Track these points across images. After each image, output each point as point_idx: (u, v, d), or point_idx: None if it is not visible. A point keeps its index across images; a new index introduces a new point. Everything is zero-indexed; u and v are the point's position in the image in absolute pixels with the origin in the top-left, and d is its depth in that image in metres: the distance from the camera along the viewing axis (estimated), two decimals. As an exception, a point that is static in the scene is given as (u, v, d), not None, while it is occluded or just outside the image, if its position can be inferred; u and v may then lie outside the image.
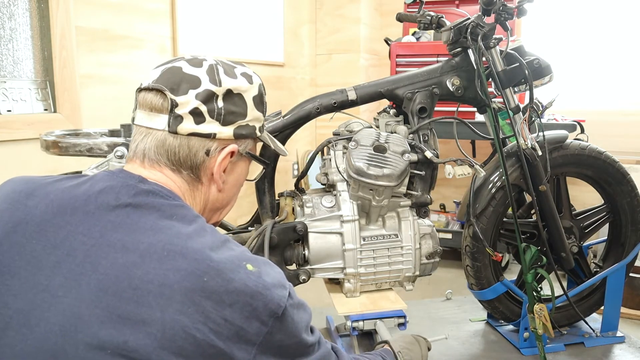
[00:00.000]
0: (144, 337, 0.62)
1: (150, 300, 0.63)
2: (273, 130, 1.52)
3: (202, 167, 0.83)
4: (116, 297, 0.63)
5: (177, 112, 0.79)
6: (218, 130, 0.82)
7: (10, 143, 1.82)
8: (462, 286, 2.00)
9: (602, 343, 1.77)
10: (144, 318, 0.63)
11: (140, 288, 0.64)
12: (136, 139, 0.82)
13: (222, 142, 0.84)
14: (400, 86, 1.58)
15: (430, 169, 1.52)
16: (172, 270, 0.66)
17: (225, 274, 0.68)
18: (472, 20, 1.55)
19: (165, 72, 0.82)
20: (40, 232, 0.69)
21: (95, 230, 0.69)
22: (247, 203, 3.04)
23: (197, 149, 0.81)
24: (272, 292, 0.71)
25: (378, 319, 1.47)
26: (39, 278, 0.66)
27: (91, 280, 0.65)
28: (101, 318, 0.62)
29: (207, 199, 0.87)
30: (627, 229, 1.82)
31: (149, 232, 0.69)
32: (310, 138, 3.63)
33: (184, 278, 0.66)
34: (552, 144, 1.70)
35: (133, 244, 0.68)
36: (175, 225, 0.72)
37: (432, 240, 1.54)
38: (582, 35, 3.26)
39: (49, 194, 0.74)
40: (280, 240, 1.46)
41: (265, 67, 3.13)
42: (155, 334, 0.62)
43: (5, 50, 1.83)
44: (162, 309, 0.63)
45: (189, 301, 0.64)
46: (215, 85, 0.82)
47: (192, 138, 0.81)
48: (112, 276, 0.65)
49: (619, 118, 3.15)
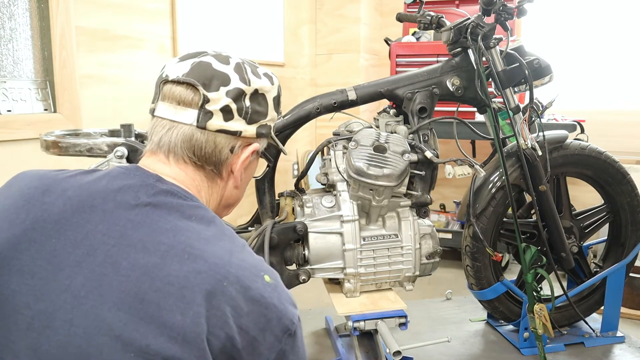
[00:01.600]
0: (165, 341, 0.62)
1: (171, 303, 0.63)
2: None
3: (226, 163, 0.84)
4: (138, 299, 0.63)
5: (207, 107, 0.79)
6: (244, 128, 0.83)
7: (10, 143, 1.82)
8: (462, 286, 2.00)
9: (602, 343, 1.77)
10: (165, 321, 0.63)
11: (162, 290, 0.64)
12: (158, 132, 0.81)
13: (245, 140, 0.85)
14: (400, 86, 1.58)
15: (430, 169, 1.52)
16: (193, 273, 0.66)
17: (243, 282, 0.68)
18: (472, 20, 1.55)
19: (195, 67, 0.81)
20: (59, 230, 0.68)
21: (115, 230, 0.68)
22: (247, 203, 3.03)
23: (222, 146, 0.82)
24: (287, 308, 0.71)
25: (379, 319, 1.46)
26: (60, 278, 0.65)
27: (113, 281, 0.64)
28: (124, 320, 0.62)
29: (223, 194, 0.88)
30: (627, 229, 1.82)
31: (169, 233, 0.69)
32: (310, 138, 3.63)
33: (205, 280, 0.66)
34: (552, 144, 1.70)
35: (153, 244, 0.68)
36: (195, 226, 0.72)
37: (432, 240, 1.54)
38: (582, 35, 3.26)
39: (66, 191, 0.73)
40: (280, 240, 1.46)
41: (265, 67, 3.14)
42: (176, 338, 0.62)
43: (5, 50, 1.83)
44: (183, 312, 0.63)
45: (208, 305, 0.65)
46: (245, 84, 0.83)
47: (219, 135, 0.81)
48: (134, 278, 0.65)
49: (619, 118, 3.14)
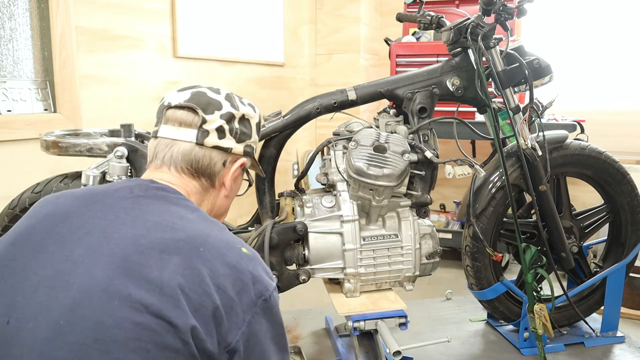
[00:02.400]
0: (145, 292, 0.73)
1: (151, 263, 0.75)
2: (273, 130, 1.52)
3: (219, 175, 0.99)
4: (123, 260, 0.75)
5: (205, 127, 0.96)
6: (234, 145, 1.00)
7: (10, 143, 1.82)
8: (462, 286, 2.01)
9: (602, 343, 1.77)
10: (145, 276, 0.74)
11: (144, 253, 0.76)
12: (162, 150, 0.96)
13: (234, 157, 1.01)
14: (400, 86, 1.58)
15: (430, 169, 1.52)
16: (172, 240, 0.79)
17: (220, 250, 0.80)
18: (472, 20, 1.55)
19: (194, 95, 0.98)
20: (66, 219, 0.83)
21: (111, 214, 0.83)
22: (247, 203, 3.04)
23: (216, 160, 0.98)
24: (262, 276, 0.82)
25: (379, 319, 1.46)
26: (63, 251, 0.79)
27: (104, 249, 0.77)
28: (110, 277, 0.74)
29: (214, 202, 1.01)
30: (627, 229, 1.82)
31: (156, 213, 0.83)
32: (310, 138, 3.63)
33: (183, 246, 0.78)
34: (552, 144, 1.70)
35: (142, 222, 0.81)
36: (180, 210, 0.86)
37: (432, 240, 1.54)
38: (582, 35, 3.26)
39: (74, 193, 0.90)
40: (280, 240, 1.46)
41: (265, 67, 3.14)
42: (154, 289, 0.73)
43: (5, 50, 1.83)
44: (160, 269, 0.75)
45: (185, 264, 0.76)
46: (234, 109, 1.00)
47: (214, 150, 0.97)
48: (122, 245, 0.77)
49: (619, 118, 3.14)
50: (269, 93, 3.17)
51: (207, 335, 0.74)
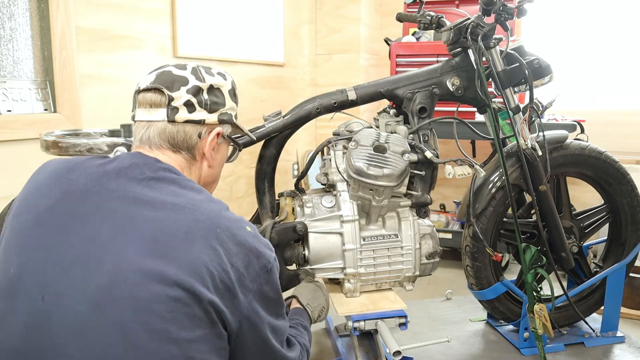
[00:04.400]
0: (175, 268, 0.81)
1: (178, 244, 0.83)
2: (273, 130, 1.52)
3: (196, 147, 1.02)
4: (151, 241, 0.83)
5: (173, 104, 0.99)
6: (206, 117, 1.02)
7: (10, 143, 1.82)
8: (462, 286, 2.00)
9: (602, 343, 1.77)
10: (174, 255, 0.82)
11: (170, 234, 0.84)
12: (139, 132, 1.01)
13: (209, 127, 1.04)
14: (400, 86, 1.58)
15: (430, 169, 1.52)
16: (193, 222, 0.87)
17: (231, 230, 0.89)
18: (472, 20, 1.55)
19: (159, 75, 1.02)
20: (85, 198, 0.89)
21: (128, 196, 0.88)
22: (247, 203, 3.04)
23: (191, 133, 1.01)
24: (265, 250, 0.92)
25: (379, 319, 1.46)
26: (89, 231, 0.85)
27: (130, 231, 0.84)
28: (141, 256, 0.81)
29: (200, 174, 1.06)
30: (627, 229, 1.82)
31: (171, 196, 0.90)
32: (310, 138, 3.63)
33: (203, 228, 0.86)
34: (552, 144, 1.70)
35: (160, 204, 0.88)
36: (190, 193, 0.93)
37: (432, 240, 1.54)
38: (582, 35, 3.26)
39: (86, 169, 0.93)
40: (280, 240, 1.46)
41: (265, 67, 3.13)
42: (183, 266, 0.81)
43: (5, 50, 1.83)
44: (187, 249, 0.83)
45: (207, 245, 0.85)
46: (200, 82, 1.02)
47: (186, 125, 1.01)
48: (147, 227, 0.85)
49: (619, 118, 3.14)
50: (269, 93, 3.17)
51: (226, 307, 0.84)
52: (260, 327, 0.92)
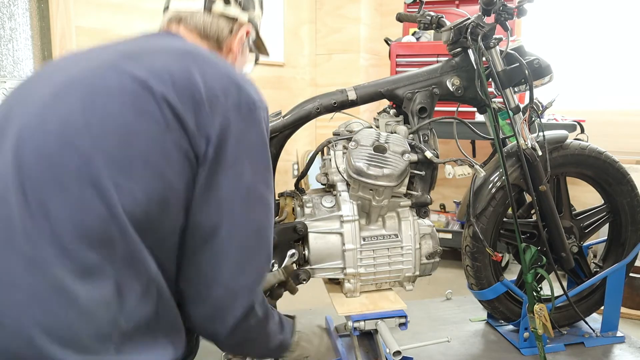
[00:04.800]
0: (138, 70, 0.84)
1: (145, 57, 0.87)
2: (273, 130, 1.52)
3: (226, 41, 1.08)
4: (124, 54, 0.88)
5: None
6: (239, 14, 1.09)
7: (10, 143, 1.82)
8: (462, 286, 2.00)
9: (602, 343, 1.77)
10: (142, 62, 0.86)
11: (143, 52, 0.89)
12: (170, 17, 1.06)
13: (240, 24, 1.10)
14: (400, 86, 1.58)
15: (430, 169, 1.52)
16: (168, 46, 0.92)
17: (215, 62, 0.90)
18: (472, 20, 1.55)
19: None
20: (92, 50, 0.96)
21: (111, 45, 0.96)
22: (247, 203, 3.03)
23: (223, 27, 1.07)
24: (252, 92, 0.91)
25: (379, 319, 1.46)
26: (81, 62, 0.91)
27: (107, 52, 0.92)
28: (116, 58, 0.87)
29: None
30: (627, 229, 1.82)
31: (162, 42, 0.96)
32: (310, 138, 3.63)
33: (177, 51, 0.90)
34: (552, 144, 1.70)
35: (142, 42, 0.96)
36: (188, 42, 0.99)
37: (432, 240, 1.54)
38: (582, 35, 3.26)
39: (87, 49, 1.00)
40: (280, 240, 1.46)
41: (265, 67, 3.13)
42: (147, 69, 0.84)
43: (5, 50, 1.83)
44: (154, 60, 0.86)
45: (176, 59, 0.87)
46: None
47: (221, 18, 1.07)
48: (124, 48, 0.92)
49: (619, 118, 3.14)
50: (269, 93, 3.17)
51: (185, 112, 0.83)
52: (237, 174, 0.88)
